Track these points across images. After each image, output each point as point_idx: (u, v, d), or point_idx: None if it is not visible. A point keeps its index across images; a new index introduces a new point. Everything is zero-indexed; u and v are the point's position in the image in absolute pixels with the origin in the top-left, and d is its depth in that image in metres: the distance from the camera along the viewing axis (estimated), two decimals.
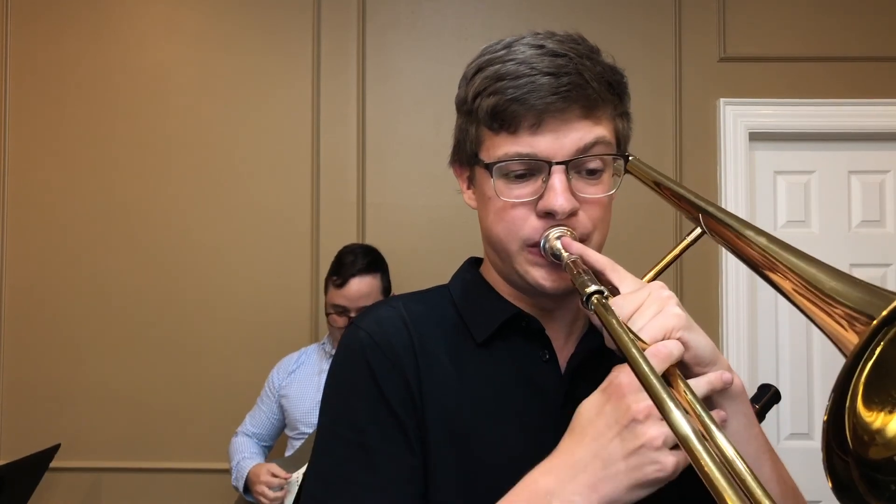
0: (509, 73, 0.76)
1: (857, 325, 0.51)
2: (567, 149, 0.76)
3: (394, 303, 0.88)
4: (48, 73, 2.62)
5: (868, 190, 2.65)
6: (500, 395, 0.81)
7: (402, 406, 0.78)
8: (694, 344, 0.66)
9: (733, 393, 0.71)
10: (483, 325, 0.85)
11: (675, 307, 0.67)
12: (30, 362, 2.58)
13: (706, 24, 2.62)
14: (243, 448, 2.27)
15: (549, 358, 0.84)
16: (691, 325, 0.67)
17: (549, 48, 0.77)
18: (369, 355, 0.80)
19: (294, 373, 2.28)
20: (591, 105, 0.77)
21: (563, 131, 0.76)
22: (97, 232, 2.59)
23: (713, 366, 0.68)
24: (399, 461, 0.77)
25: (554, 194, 0.76)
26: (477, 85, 0.80)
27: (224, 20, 2.64)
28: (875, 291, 0.52)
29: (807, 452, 2.53)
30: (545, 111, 0.75)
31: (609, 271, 0.74)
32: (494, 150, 0.79)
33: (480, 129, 0.81)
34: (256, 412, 2.33)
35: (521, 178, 0.78)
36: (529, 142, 0.76)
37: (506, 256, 0.82)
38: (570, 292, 0.80)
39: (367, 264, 2.19)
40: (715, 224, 0.78)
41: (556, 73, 0.75)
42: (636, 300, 0.68)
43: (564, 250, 0.76)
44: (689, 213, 0.84)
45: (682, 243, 0.83)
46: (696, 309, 2.57)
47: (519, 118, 0.76)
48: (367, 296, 2.16)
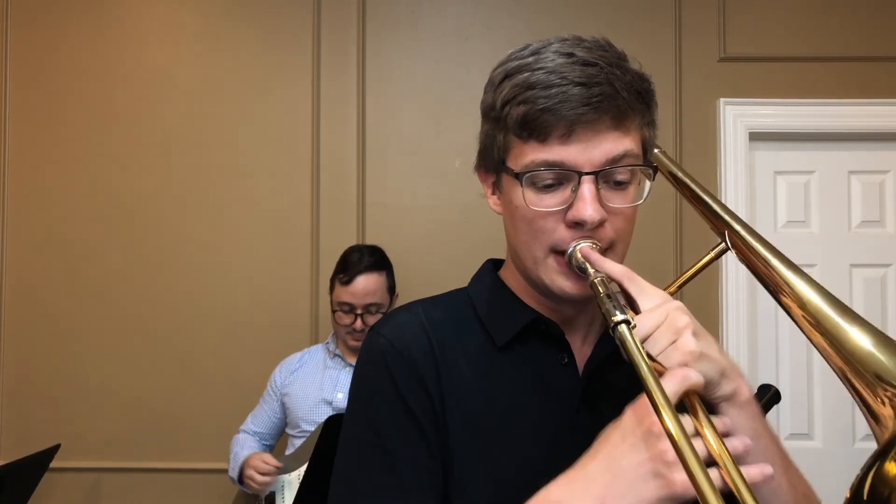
0: (540, 82, 0.76)
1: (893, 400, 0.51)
2: (597, 159, 0.76)
3: (413, 308, 0.89)
4: (48, 74, 2.62)
5: (868, 190, 2.65)
6: (520, 399, 0.82)
7: (422, 411, 0.80)
8: (704, 377, 0.68)
9: (741, 403, 0.72)
10: (503, 329, 0.86)
11: (689, 339, 0.69)
12: (30, 362, 2.58)
13: (706, 24, 2.62)
14: (244, 442, 2.29)
15: (567, 361, 0.85)
16: (703, 355, 0.69)
17: (579, 56, 0.76)
18: (389, 361, 0.82)
19: (296, 372, 2.29)
20: (622, 115, 0.77)
21: (594, 141, 0.76)
22: (97, 232, 2.59)
23: (719, 386, 0.70)
24: (418, 464, 0.78)
25: (584, 204, 0.76)
26: (506, 92, 0.79)
27: (224, 20, 2.63)
28: None
29: (806, 452, 2.53)
30: (576, 122, 0.75)
31: (627, 282, 0.75)
32: (522, 159, 0.79)
33: (509, 136, 0.80)
34: (258, 411, 2.34)
35: (550, 187, 0.78)
36: (559, 151, 0.76)
37: (532, 263, 0.82)
38: (591, 298, 0.81)
39: (373, 262, 2.22)
40: (739, 243, 0.78)
41: (587, 84, 0.75)
42: (653, 321, 0.70)
43: (585, 261, 0.76)
44: (713, 224, 0.84)
45: (705, 257, 0.84)
46: (696, 310, 2.55)
47: (550, 128, 0.76)
48: (373, 293, 2.18)
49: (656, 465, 0.59)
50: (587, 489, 0.63)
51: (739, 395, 0.72)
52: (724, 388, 0.71)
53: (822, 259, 2.64)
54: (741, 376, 0.73)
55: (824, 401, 2.60)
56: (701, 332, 0.71)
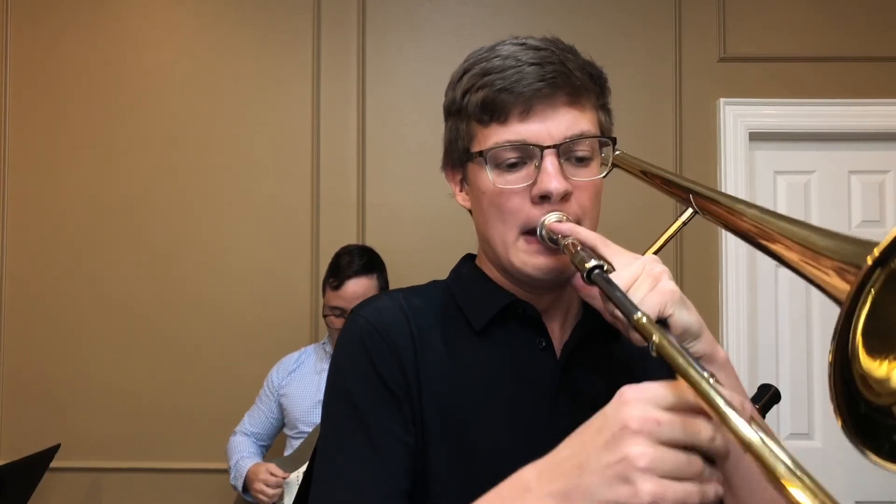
0: (495, 67, 0.80)
1: (848, 276, 0.54)
2: (556, 134, 0.80)
3: (393, 295, 0.91)
4: (48, 74, 2.62)
5: (868, 190, 2.65)
6: (496, 382, 0.84)
7: (399, 388, 0.81)
8: (683, 320, 0.70)
9: (719, 363, 0.73)
10: (480, 313, 0.87)
11: (668, 281, 0.70)
12: (30, 362, 2.58)
13: (706, 24, 2.62)
14: (241, 447, 2.28)
15: (545, 346, 0.86)
16: (684, 300, 0.71)
17: (531, 44, 0.82)
18: (367, 340, 0.83)
19: (294, 372, 2.29)
20: (576, 92, 0.81)
21: (552, 117, 0.80)
22: (97, 232, 2.59)
23: (698, 339, 0.71)
24: (396, 438, 0.80)
25: (548, 177, 0.79)
26: (464, 84, 0.84)
27: (224, 20, 2.64)
28: (864, 243, 0.54)
29: (807, 452, 2.53)
30: (533, 97, 0.79)
31: (601, 247, 0.76)
32: (485, 141, 0.82)
33: (471, 123, 0.84)
34: (255, 411, 2.34)
35: (514, 166, 0.81)
36: (519, 129, 0.80)
37: (502, 247, 0.84)
38: (566, 280, 0.83)
39: (364, 265, 2.20)
40: (705, 202, 0.81)
41: (540, 63, 0.79)
42: (631, 274, 0.70)
43: (556, 232, 0.78)
44: (679, 196, 0.86)
45: (674, 224, 0.86)
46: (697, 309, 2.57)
47: (508, 107, 0.80)
48: (363, 296, 2.17)
49: (627, 470, 0.53)
50: (553, 480, 0.58)
51: (718, 354, 0.73)
52: (702, 342, 0.72)
53: None
54: (717, 343, 0.75)
55: (824, 401, 2.59)
56: (682, 295, 0.72)
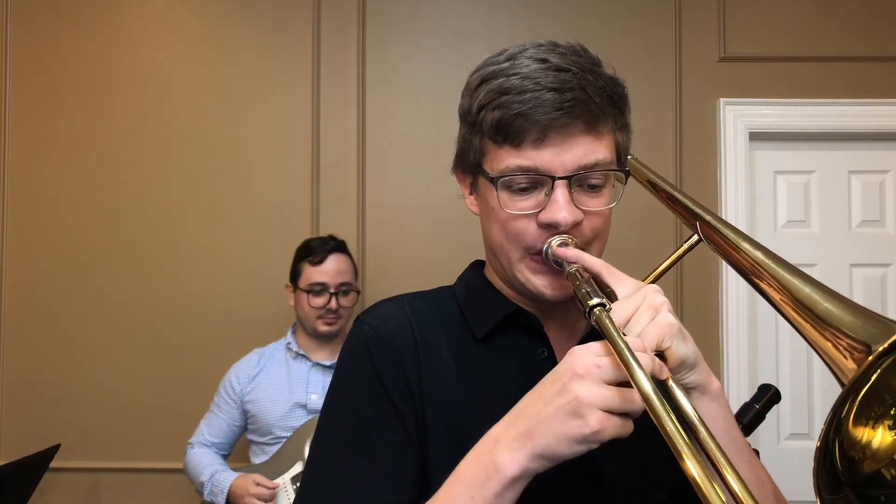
0: (514, 87, 0.78)
1: (855, 354, 0.52)
2: (570, 164, 0.79)
3: (399, 300, 0.91)
4: (48, 73, 2.62)
5: (868, 190, 2.65)
6: (497, 390, 0.84)
7: (401, 397, 0.81)
8: (680, 352, 0.70)
9: (713, 394, 0.74)
10: (483, 321, 0.88)
11: (667, 314, 0.70)
12: (30, 362, 2.58)
13: (706, 24, 2.62)
14: (209, 460, 2.17)
15: (547, 356, 0.86)
16: (682, 332, 0.71)
17: (552, 62, 0.78)
18: (371, 348, 0.83)
19: (257, 377, 2.21)
20: (594, 120, 0.79)
21: (567, 146, 0.78)
22: (98, 232, 2.59)
23: (693, 370, 0.72)
24: (397, 449, 0.80)
25: (557, 207, 0.79)
26: (481, 98, 0.81)
27: (224, 20, 2.64)
28: (871, 317, 0.52)
29: (807, 452, 2.52)
30: (549, 126, 0.77)
31: (605, 274, 0.76)
32: (498, 163, 0.81)
33: (484, 140, 0.83)
34: (214, 420, 2.23)
35: (524, 190, 0.81)
36: (533, 156, 0.79)
37: (507, 263, 0.85)
38: (571, 298, 0.82)
39: (338, 244, 2.24)
40: (712, 233, 0.80)
41: (559, 89, 0.77)
42: (631, 306, 0.71)
43: (562, 258, 0.79)
44: (685, 218, 0.85)
45: (678, 250, 0.86)
46: (697, 310, 2.57)
47: (523, 133, 0.78)
48: (344, 272, 2.20)
49: (577, 406, 0.63)
50: (517, 425, 0.67)
51: (712, 385, 0.74)
52: (697, 373, 0.72)
53: (822, 259, 2.64)
54: (712, 373, 0.76)
55: (824, 401, 2.59)
56: (681, 328, 0.73)
